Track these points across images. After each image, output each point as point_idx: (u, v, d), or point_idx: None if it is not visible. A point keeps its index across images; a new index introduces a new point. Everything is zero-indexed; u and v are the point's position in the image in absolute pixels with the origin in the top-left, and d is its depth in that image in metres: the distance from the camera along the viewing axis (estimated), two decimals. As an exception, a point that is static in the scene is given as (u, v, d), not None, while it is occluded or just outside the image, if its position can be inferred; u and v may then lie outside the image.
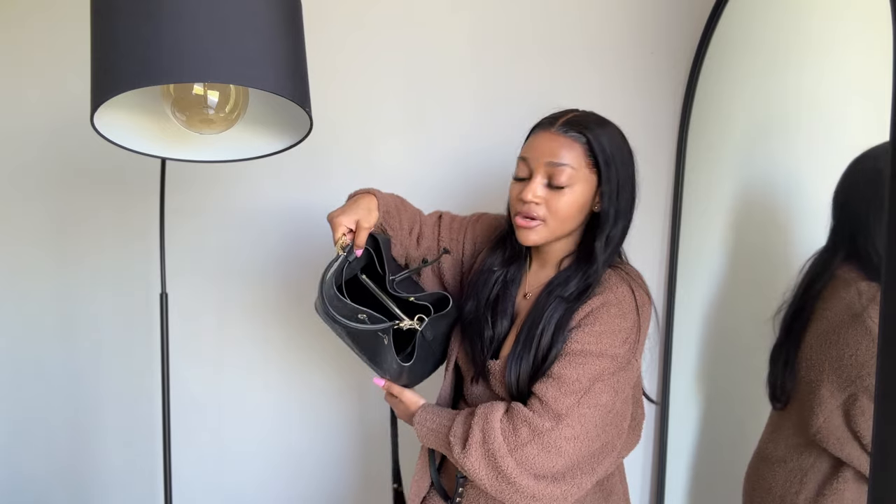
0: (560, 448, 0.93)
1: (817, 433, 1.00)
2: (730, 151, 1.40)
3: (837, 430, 0.97)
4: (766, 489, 1.10)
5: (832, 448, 0.99)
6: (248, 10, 0.96)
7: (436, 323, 1.08)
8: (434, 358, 1.15)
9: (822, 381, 0.99)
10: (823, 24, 1.14)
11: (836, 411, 0.98)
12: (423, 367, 1.13)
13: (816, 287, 1.01)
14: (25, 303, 1.68)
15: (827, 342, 0.99)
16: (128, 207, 1.63)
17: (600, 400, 0.95)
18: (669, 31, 1.53)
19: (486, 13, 1.55)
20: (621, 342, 0.96)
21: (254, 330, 1.67)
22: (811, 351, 1.02)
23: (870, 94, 0.95)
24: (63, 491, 1.73)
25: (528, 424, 0.93)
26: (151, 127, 1.21)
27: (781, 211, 1.20)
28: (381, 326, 1.00)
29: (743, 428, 1.28)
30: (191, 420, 1.66)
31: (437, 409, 1.05)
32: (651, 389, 1.61)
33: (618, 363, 0.96)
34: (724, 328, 1.42)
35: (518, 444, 0.93)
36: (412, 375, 1.11)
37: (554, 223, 0.98)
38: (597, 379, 0.95)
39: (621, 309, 0.96)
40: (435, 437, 1.02)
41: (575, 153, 0.96)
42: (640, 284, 1.01)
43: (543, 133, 1.00)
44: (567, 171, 0.96)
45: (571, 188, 0.96)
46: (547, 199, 0.97)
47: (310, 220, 1.62)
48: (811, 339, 1.02)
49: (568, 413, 0.94)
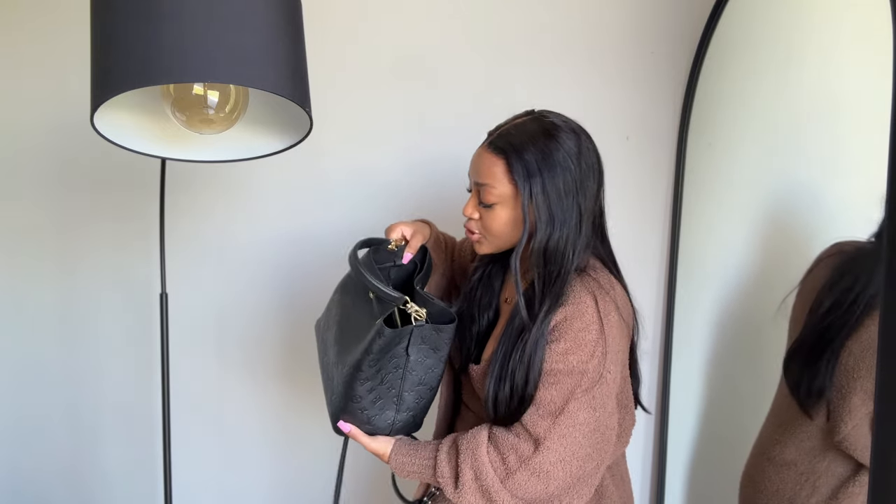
0: (548, 473, 0.92)
1: (844, 440, 0.99)
2: (730, 151, 1.40)
3: (865, 437, 0.96)
4: (773, 491, 1.10)
5: (858, 456, 0.97)
6: (248, 10, 0.96)
7: (434, 335, 0.98)
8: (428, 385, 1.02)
9: (855, 389, 0.97)
10: (823, 24, 1.14)
11: (865, 419, 0.97)
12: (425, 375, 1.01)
13: (871, 294, 0.97)
14: (25, 303, 1.68)
15: (870, 351, 0.97)
16: (128, 207, 1.63)
17: (578, 419, 0.93)
18: (669, 31, 1.53)
19: (485, 13, 1.55)
20: (588, 356, 0.93)
21: (254, 330, 1.67)
22: (851, 357, 0.99)
23: (870, 94, 0.95)
24: (63, 491, 1.73)
25: (515, 451, 0.93)
26: (151, 127, 1.21)
27: (782, 210, 1.20)
28: (389, 294, 0.93)
29: (743, 428, 1.28)
30: (191, 420, 1.66)
31: (412, 448, 1.01)
32: (651, 390, 1.61)
33: (589, 378, 0.93)
34: (725, 328, 1.42)
35: (508, 473, 0.93)
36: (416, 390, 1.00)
37: (492, 237, 1.00)
38: (570, 398, 0.93)
39: (583, 321, 0.93)
40: (420, 478, 1.01)
41: (497, 170, 0.96)
42: (606, 292, 0.97)
43: (479, 149, 1.01)
44: (491, 190, 0.96)
45: (501, 205, 0.97)
46: (482, 214, 0.99)
47: (310, 220, 1.62)
48: (853, 346, 1.00)
49: (546, 436, 0.92)
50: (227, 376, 1.68)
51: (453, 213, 1.59)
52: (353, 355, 0.97)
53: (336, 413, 1.02)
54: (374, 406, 0.99)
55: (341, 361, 1.01)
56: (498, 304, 1.09)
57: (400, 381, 0.98)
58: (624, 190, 1.55)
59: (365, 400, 0.98)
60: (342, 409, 1.00)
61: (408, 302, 0.94)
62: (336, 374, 1.02)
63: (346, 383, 0.98)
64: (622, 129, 1.56)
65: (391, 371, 0.97)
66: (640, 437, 1.63)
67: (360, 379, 0.96)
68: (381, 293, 0.94)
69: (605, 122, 1.55)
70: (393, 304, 0.94)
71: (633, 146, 1.56)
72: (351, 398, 0.98)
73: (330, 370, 1.06)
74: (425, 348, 0.97)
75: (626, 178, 1.56)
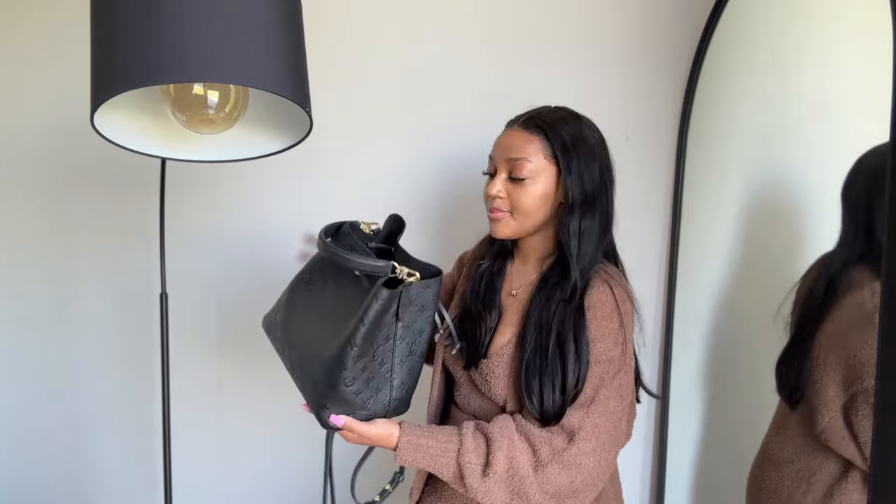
0: (580, 465, 0.92)
1: (822, 432, 1.00)
2: (730, 151, 1.40)
3: (842, 429, 0.97)
4: (772, 490, 1.10)
5: (836, 447, 0.99)
6: (248, 10, 0.96)
7: (422, 292, 0.95)
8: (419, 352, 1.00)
9: (829, 381, 0.99)
10: (823, 24, 1.14)
11: (840, 411, 0.98)
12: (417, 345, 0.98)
13: (832, 288, 1.01)
14: (25, 303, 1.68)
15: (837, 342, 0.99)
16: (128, 207, 1.63)
17: (608, 407, 0.95)
18: (669, 31, 1.53)
19: (485, 14, 1.55)
20: (613, 344, 0.96)
21: (254, 329, 1.66)
22: (821, 350, 1.02)
23: (870, 94, 0.95)
24: (62, 491, 1.73)
25: (548, 443, 0.93)
26: (151, 127, 1.21)
27: (782, 211, 1.20)
28: (377, 265, 0.91)
29: (743, 428, 1.28)
30: (191, 420, 1.66)
31: (426, 429, 0.96)
32: (651, 389, 1.60)
33: (615, 366, 0.96)
34: (725, 328, 1.42)
35: (539, 465, 0.92)
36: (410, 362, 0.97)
37: (519, 215, 1.01)
38: (600, 386, 0.95)
39: (605, 311, 0.96)
40: (431, 463, 0.94)
41: (533, 146, 0.99)
42: (618, 282, 1.01)
43: (507, 131, 1.04)
44: (525, 163, 0.99)
45: (532, 180, 0.99)
46: (510, 192, 1.01)
47: (310, 220, 1.61)
48: (822, 339, 1.02)
49: (581, 426, 0.93)
50: (226, 376, 1.68)
51: (453, 212, 1.60)
52: (341, 336, 0.92)
53: (322, 406, 0.94)
54: (369, 387, 0.93)
55: (326, 347, 0.94)
56: (500, 304, 1.09)
57: (391, 353, 0.94)
58: (624, 190, 1.54)
59: (359, 381, 0.92)
60: (332, 400, 0.93)
61: (395, 267, 0.91)
62: (317, 365, 0.95)
63: (335, 368, 0.91)
64: (622, 129, 1.56)
65: (381, 343, 0.93)
66: (640, 437, 1.63)
67: (352, 357, 0.90)
68: (369, 269, 0.92)
69: (605, 123, 1.54)
70: (382, 273, 0.91)
71: (633, 146, 1.56)
72: (342, 383, 0.91)
73: (307, 363, 0.99)
74: (414, 310, 0.95)
75: (626, 178, 1.56)
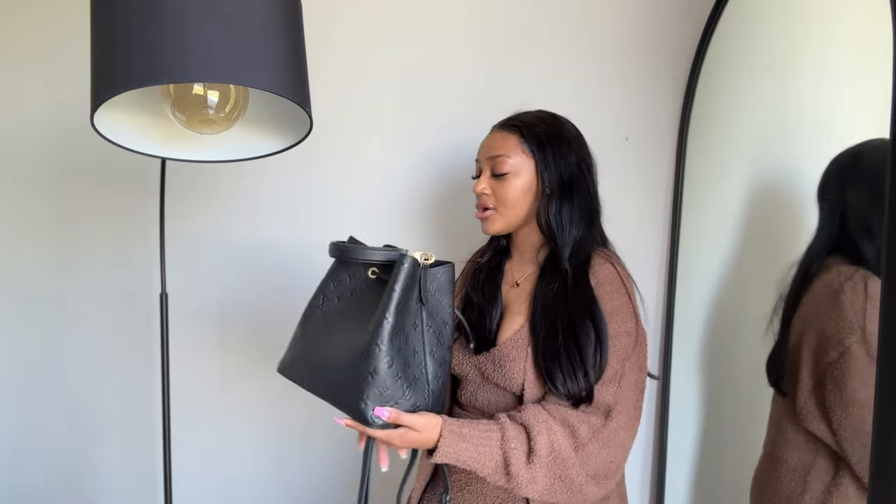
0: (619, 441, 0.95)
1: (799, 413, 1.03)
2: (730, 151, 1.40)
3: (814, 408, 1.00)
4: (772, 490, 1.10)
5: (811, 427, 1.01)
6: (248, 10, 0.96)
7: (440, 277, 0.96)
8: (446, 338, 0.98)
9: (803, 364, 1.02)
10: (823, 24, 1.14)
11: (812, 394, 1.01)
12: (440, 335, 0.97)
13: (807, 275, 1.04)
14: (25, 303, 1.67)
15: (809, 325, 1.02)
16: (128, 207, 1.63)
17: (631, 380, 0.99)
18: (669, 32, 1.53)
19: (485, 13, 1.55)
20: (628, 316, 1.00)
21: (254, 329, 1.67)
22: (796, 334, 1.05)
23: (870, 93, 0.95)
24: (62, 491, 1.73)
25: (586, 422, 0.94)
26: (151, 127, 1.21)
27: (782, 210, 1.20)
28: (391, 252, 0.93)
29: (743, 426, 1.28)
30: (191, 420, 1.66)
31: (464, 420, 0.93)
32: (651, 389, 1.61)
33: (632, 338, 1.00)
34: (724, 327, 1.42)
35: (580, 445, 0.93)
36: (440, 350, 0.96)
37: (505, 209, 1.07)
38: (625, 359, 0.98)
39: (613, 285, 1.01)
40: (476, 454, 0.90)
41: (511, 143, 1.06)
42: (618, 261, 1.07)
43: (488, 135, 1.13)
44: (505, 160, 1.06)
45: (513, 174, 1.06)
46: (494, 188, 1.07)
47: (310, 220, 1.62)
48: (798, 323, 1.06)
49: (616, 402, 0.96)
50: (227, 376, 1.68)
51: (453, 211, 1.60)
52: (371, 324, 0.90)
53: (362, 402, 0.89)
54: (406, 374, 0.90)
55: (357, 340, 0.92)
56: (502, 298, 1.13)
57: (422, 341, 0.93)
58: (624, 190, 1.55)
59: (396, 363, 0.89)
60: (372, 391, 0.88)
61: (407, 252, 0.92)
62: (352, 362, 0.91)
63: (372, 351, 0.88)
64: (622, 129, 1.56)
65: (410, 329, 0.92)
66: (641, 437, 1.63)
67: (388, 332, 0.88)
68: (385, 257, 0.94)
69: (605, 122, 1.55)
70: (398, 257, 0.91)
71: (633, 146, 1.56)
72: (382, 363, 0.88)
73: (338, 373, 0.94)
74: (435, 295, 0.95)
75: (626, 178, 1.56)
